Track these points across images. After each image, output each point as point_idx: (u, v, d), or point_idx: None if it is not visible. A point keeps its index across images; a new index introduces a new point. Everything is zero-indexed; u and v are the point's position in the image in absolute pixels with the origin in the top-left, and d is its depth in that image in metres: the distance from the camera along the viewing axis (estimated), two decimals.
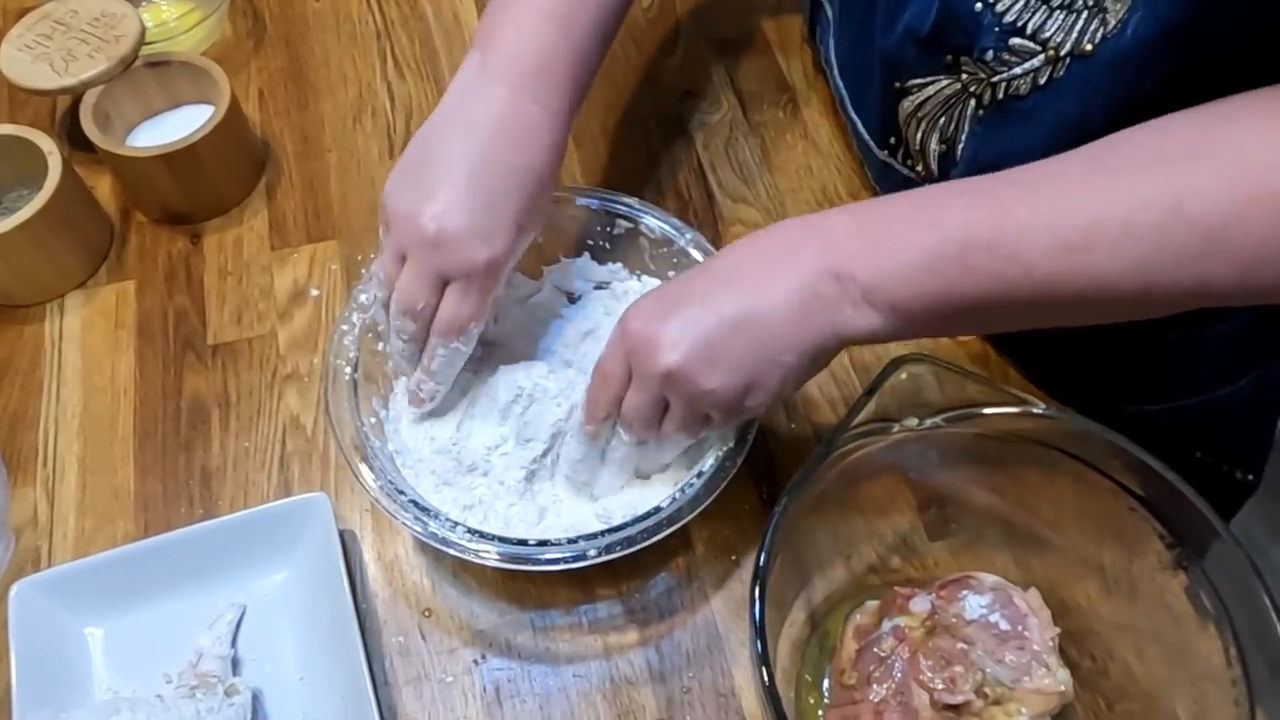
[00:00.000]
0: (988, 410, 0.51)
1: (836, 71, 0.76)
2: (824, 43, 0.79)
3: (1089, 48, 0.53)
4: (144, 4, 0.86)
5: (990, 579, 0.57)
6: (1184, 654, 0.50)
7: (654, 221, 0.65)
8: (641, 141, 0.81)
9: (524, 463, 0.59)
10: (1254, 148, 0.44)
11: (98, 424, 0.68)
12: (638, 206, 0.66)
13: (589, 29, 0.59)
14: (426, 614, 0.61)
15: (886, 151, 0.72)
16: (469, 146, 0.56)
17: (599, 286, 0.68)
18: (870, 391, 0.50)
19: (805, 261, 0.49)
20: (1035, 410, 0.50)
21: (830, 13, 0.76)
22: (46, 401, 0.68)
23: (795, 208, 0.78)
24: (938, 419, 0.51)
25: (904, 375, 0.50)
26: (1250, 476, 0.76)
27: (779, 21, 0.89)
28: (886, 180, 0.74)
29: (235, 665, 0.58)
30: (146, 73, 0.77)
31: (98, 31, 0.75)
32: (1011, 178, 0.48)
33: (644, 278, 0.68)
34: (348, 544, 0.61)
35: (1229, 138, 0.45)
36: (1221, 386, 0.71)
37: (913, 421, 0.51)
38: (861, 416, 0.50)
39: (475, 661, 0.59)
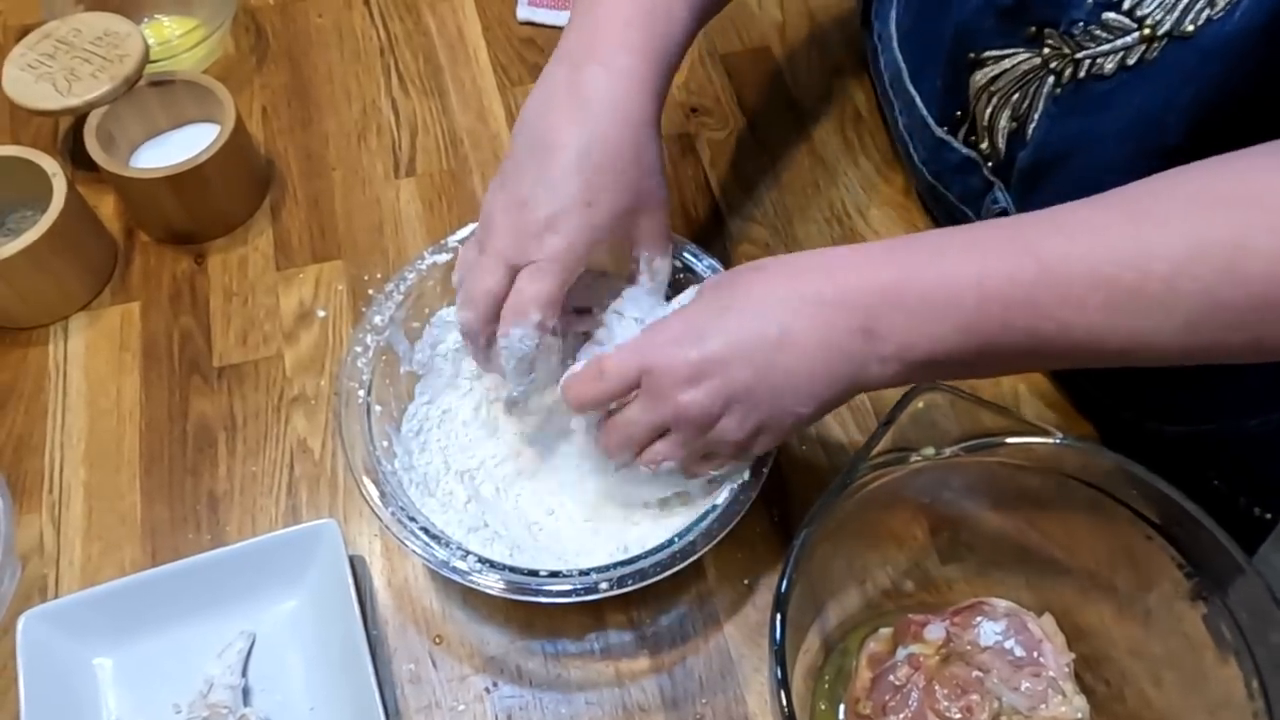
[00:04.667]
0: (1007, 440, 0.50)
1: (896, 44, 0.74)
2: (881, 16, 0.77)
3: (1190, 29, 0.51)
4: (146, 21, 0.85)
5: (1003, 604, 0.57)
6: (1202, 682, 0.50)
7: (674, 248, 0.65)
8: None
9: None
10: None
11: (103, 448, 0.67)
12: None
13: None
14: (437, 640, 0.60)
15: (946, 128, 0.70)
16: (534, 131, 0.55)
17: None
18: (888, 422, 0.49)
19: (838, 318, 0.48)
20: (1053, 440, 0.50)
21: None
22: (52, 426, 0.68)
23: (802, 225, 0.77)
24: (955, 448, 0.51)
25: (921, 404, 0.50)
26: (1269, 515, 0.73)
27: (785, 38, 0.88)
28: (938, 160, 0.72)
29: (246, 695, 0.57)
30: (150, 92, 0.76)
31: (101, 51, 0.74)
32: (1053, 222, 0.47)
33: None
34: (357, 570, 0.61)
35: None
36: (1251, 416, 0.68)
37: (930, 451, 0.51)
38: (879, 446, 0.50)
39: (487, 690, 0.59)
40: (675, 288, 0.65)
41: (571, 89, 0.55)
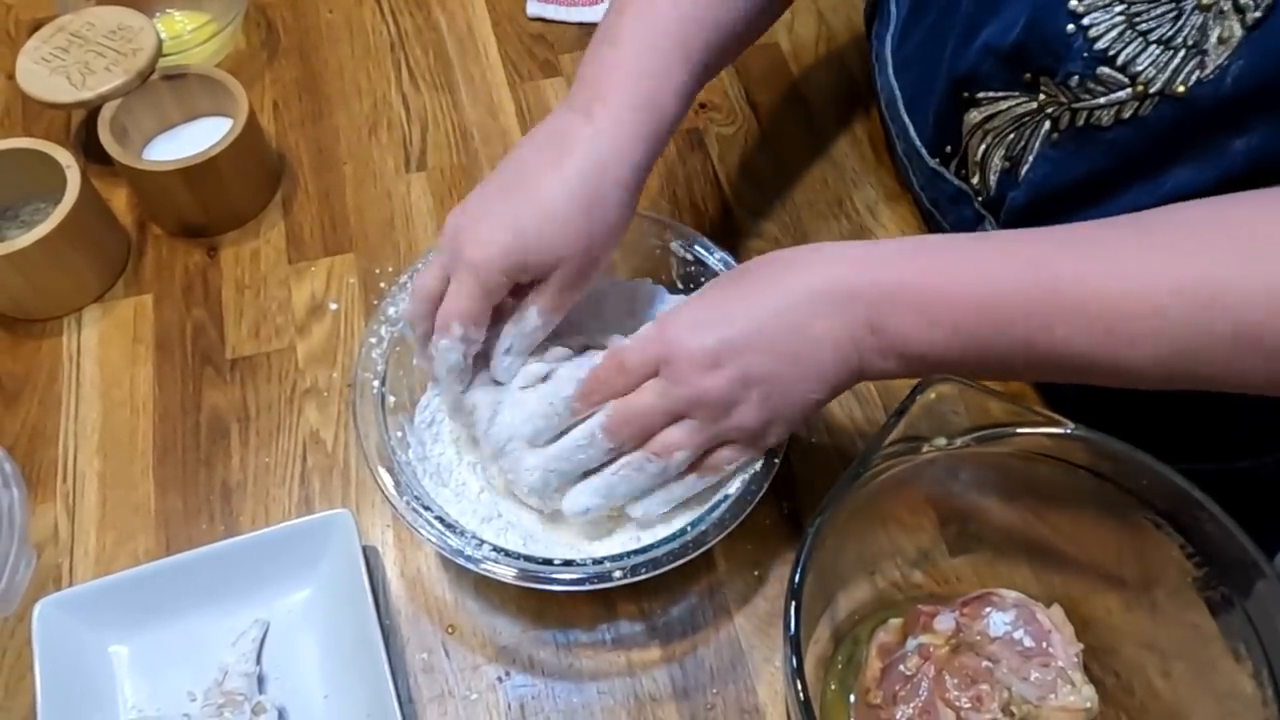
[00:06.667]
0: (1019, 430, 0.51)
1: (891, 70, 0.74)
2: (879, 37, 0.77)
3: (1181, 89, 0.51)
4: (159, 15, 0.86)
5: (1012, 595, 0.57)
6: (1210, 673, 0.50)
7: (684, 240, 0.65)
8: None
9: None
10: None
11: (117, 439, 0.67)
12: (668, 224, 0.66)
13: (669, 46, 0.56)
14: (450, 630, 0.60)
15: (938, 160, 0.70)
16: (515, 161, 0.56)
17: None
18: (900, 412, 0.50)
19: (854, 312, 0.50)
20: (1063, 430, 0.50)
21: (895, 7, 0.74)
22: (65, 417, 0.68)
23: (811, 221, 0.78)
24: (966, 439, 0.51)
25: (933, 395, 0.50)
26: None
27: (794, 34, 0.89)
28: (933, 187, 0.72)
29: (260, 683, 0.58)
30: (163, 85, 0.77)
31: (115, 44, 0.75)
32: (1067, 239, 0.48)
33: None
34: (370, 560, 0.61)
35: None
36: (1241, 458, 0.68)
37: (941, 441, 0.51)
38: (891, 436, 0.50)
39: (499, 679, 0.59)
40: (686, 281, 0.66)
41: (556, 134, 0.55)
